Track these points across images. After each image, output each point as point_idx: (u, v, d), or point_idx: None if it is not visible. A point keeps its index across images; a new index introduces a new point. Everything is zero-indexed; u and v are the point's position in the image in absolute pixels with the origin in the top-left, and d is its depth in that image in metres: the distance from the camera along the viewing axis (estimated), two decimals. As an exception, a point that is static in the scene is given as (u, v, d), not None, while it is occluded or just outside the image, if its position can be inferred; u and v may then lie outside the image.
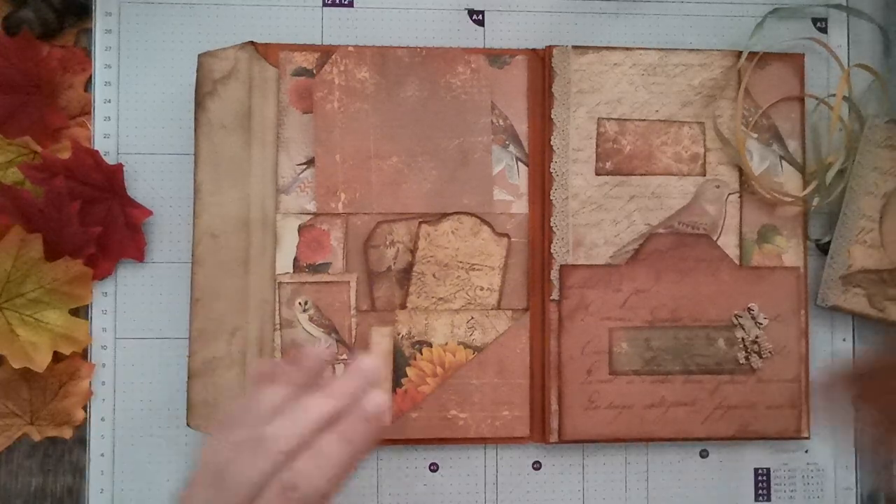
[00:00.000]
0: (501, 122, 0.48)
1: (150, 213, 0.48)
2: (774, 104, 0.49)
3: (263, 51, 0.47)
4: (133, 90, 0.48)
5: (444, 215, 0.47)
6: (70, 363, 0.46)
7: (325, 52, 0.47)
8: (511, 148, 0.48)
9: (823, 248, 0.49)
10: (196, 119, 0.47)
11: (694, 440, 0.48)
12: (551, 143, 0.48)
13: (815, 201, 0.49)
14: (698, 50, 0.49)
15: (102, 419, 0.47)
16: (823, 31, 0.51)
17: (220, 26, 0.49)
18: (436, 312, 0.47)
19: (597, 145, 0.48)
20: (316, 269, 0.47)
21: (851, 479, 0.49)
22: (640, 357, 0.47)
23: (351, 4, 0.49)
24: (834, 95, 0.49)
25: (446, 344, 0.47)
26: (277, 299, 0.46)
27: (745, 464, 0.49)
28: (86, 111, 0.48)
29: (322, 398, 0.32)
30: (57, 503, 0.47)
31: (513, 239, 0.48)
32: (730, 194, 0.49)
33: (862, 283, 0.49)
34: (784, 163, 0.49)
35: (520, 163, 0.48)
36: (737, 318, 0.48)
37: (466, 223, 0.48)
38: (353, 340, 0.47)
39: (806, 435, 0.48)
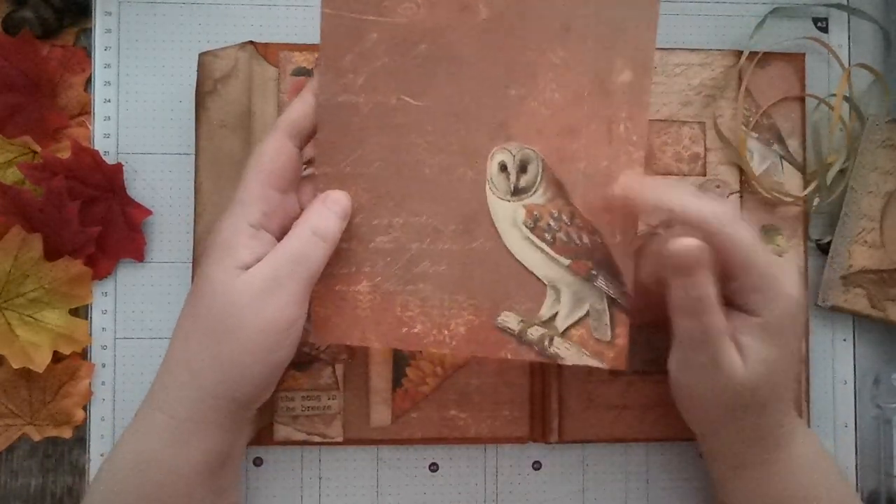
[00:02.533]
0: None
1: (150, 213, 0.48)
2: (775, 104, 0.49)
3: (263, 50, 0.47)
4: (133, 90, 0.48)
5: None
6: (70, 363, 0.46)
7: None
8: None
9: (824, 248, 0.49)
10: (196, 119, 0.47)
11: (694, 440, 0.48)
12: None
13: (816, 201, 0.49)
14: (698, 50, 0.49)
15: (102, 419, 0.47)
16: (824, 30, 0.51)
17: (220, 26, 0.49)
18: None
19: (597, 145, 0.48)
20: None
21: (852, 478, 0.49)
22: (640, 357, 0.47)
23: (351, 4, 0.49)
24: (835, 95, 0.49)
25: (446, 344, 0.47)
26: (277, 299, 0.46)
27: (746, 464, 0.49)
28: (86, 111, 0.48)
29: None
30: (57, 503, 0.47)
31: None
32: (730, 194, 0.49)
33: (862, 283, 0.49)
34: (784, 163, 0.49)
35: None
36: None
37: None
38: (353, 340, 0.47)
39: (806, 435, 0.48)
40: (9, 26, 0.47)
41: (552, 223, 0.40)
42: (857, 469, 0.50)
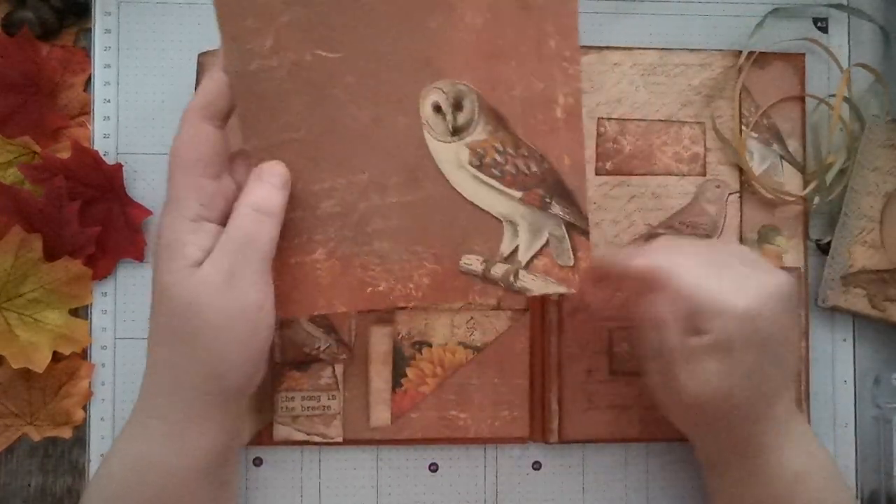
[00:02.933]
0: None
1: (150, 213, 0.48)
2: (775, 104, 0.49)
3: (263, 51, 0.47)
4: (133, 90, 0.48)
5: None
6: (70, 363, 0.46)
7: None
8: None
9: (824, 248, 0.49)
10: (196, 119, 0.47)
11: (694, 440, 0.48)
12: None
13: (816, 201, 0.49)
14: (698, 50, 0.49)
15: (102, 419, 0.47)
16: (824, 30, 0.51)
17: (220, 26, 0.49)
18: (435, 312, 0.47)
19: (597, 145, 0.48)
20: (316, 269, 0.47)
21: (851, 478, 0.49)
22: (639, 357, 0.47)
23: (351, 4, 0.49)
24: (834, 95, 0.49)
25: (446, 344, 0.47)
26: (277, 299, 0.46)
27: (746, 464, 0.49)
28: (85, 111, 0.48)
29: None
30: (57, 503, 0.47)
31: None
32: (730, 194, 0.49)
33: (862, 283, 0.49)
34: (784, 163, 0.49)
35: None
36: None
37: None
38: (353, 340, 0.47)
39: (806, 435, 0.48)
40: (9, 26, 0.47)
41: (498, 157, 0.38)
42: (857, 469, 0.50)
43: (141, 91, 0.48)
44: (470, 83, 0.38)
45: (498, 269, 0.39)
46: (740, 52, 0.49)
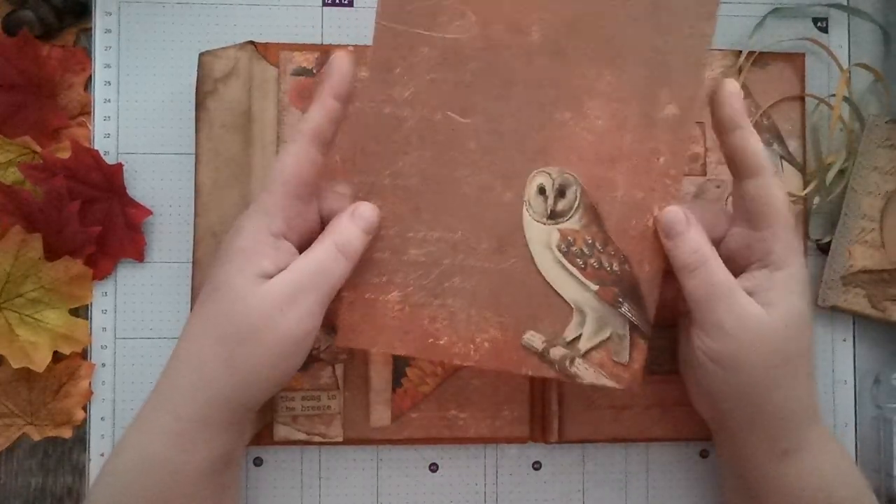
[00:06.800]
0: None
1: (150, 213, 0.48)
2: (775, 104, 0.49)
3: (263, 50, 0.47)
4: (133, 90, 0.48)
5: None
6: (70, 363, 0.46)
7: (325, 52, 0.47)
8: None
9: (824, 248, 0.49)
10: (196, 119, 0.47)
11: (694, 440, 0.48)
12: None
13: (816, 201, 0.49)
14: (698, 50, 0.49)
15: (102, 419, 0.47)
16: (824, 30, 0.51)
17: (220, 26, 0.49)
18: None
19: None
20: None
21: (852, 479, 0.49)
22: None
23: (351, 4, 0.49)
24: (834, 95, 0.49)
25: (446, 344, 0.47)
26: (277, 299, 0.46)
27: (746, 464, 0.49)
28: (86, 111, 0.48)
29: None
30: (57, 503, 0.47)
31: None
32: (730, 194, 0.49)
33: (862, 283, 0.49)
34: (784, 163, 0.49)
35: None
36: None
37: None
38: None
39: (806, 435, 0.48)
40: (9, 26, 0.47)
41: (585, 249, 0.40)
42: (857, 469, 0.50)
43: (141, 91, 0.48)
44: (577, 176, 0.40)
45: (556, 352, 0.41)
46: (740, 52, 0.49)
